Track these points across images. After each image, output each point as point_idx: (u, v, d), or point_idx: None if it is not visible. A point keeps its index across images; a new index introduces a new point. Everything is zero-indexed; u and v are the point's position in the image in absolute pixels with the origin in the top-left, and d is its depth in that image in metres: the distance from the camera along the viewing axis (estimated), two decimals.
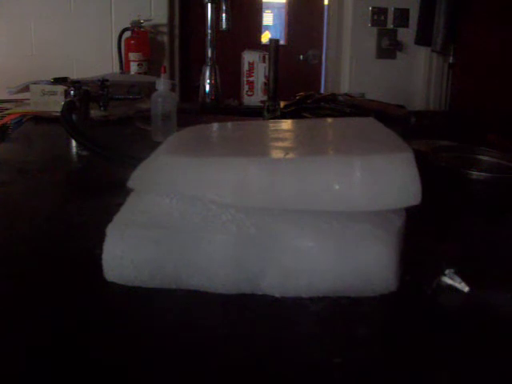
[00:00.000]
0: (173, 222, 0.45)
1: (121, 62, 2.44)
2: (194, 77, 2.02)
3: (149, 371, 0.34)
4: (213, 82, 1.51)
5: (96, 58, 2.43)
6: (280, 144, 0.53)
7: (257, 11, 2.94)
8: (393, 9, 2.74)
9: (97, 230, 0.46)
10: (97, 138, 0.86)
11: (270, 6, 3.21)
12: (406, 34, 2.78)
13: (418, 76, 2.85)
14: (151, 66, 2.46)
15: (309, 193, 0.44)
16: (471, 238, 0.60)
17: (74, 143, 0.96)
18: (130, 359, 0.36)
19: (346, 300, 0.43)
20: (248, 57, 1.83)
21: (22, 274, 0.48)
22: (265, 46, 2.65)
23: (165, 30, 2.58)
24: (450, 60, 2.78)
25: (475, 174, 0.81)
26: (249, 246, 0.43)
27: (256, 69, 1.82)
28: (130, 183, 0.51)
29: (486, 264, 0.52)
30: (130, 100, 1.35)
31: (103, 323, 0.40)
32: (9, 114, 1.31)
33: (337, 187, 0.44)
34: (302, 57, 3.00)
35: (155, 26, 2.54)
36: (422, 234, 0.54)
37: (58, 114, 1.04)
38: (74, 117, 0.98)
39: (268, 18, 3.22)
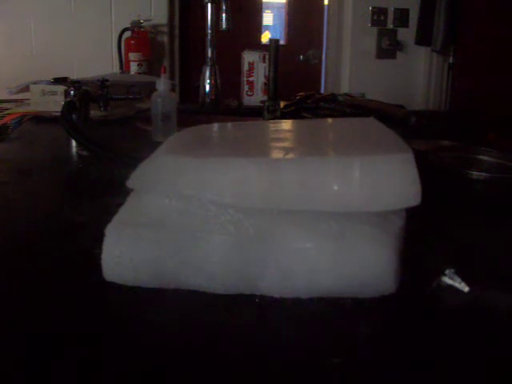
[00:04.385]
0: (172, 222, 0.45)
1: (121, 61, 2.44)
2: (194, 77, 2.01)
3: (148, 371, 0.34)
4: (213, 82, 1.51)
5: (96, 58, 2.43)
6: (280, 144, 0.53)
7: (257, 11, 2.94)
8: (393, 9, 2.74)
9: (97, 230, 0.46)
10: (97, 137, 0.86)
11: (270, 6, 3.21)
12: (406, 34, 2.78)
13: (418, 76, 2.84)
14: (151, 66, 2.46)
15: (308, 193, 0.44)
16: (471, 237, 0.60)
17: (74, 143, 0.96)
18: (130, 359, 0.36)
19: (345, 300, 0.43)
20: (248, 57, 1.82)
21: (22, 274, 0.48)
22: (265, 45, 2.65)
23: (165, 30, 2.58)
24: (450, 60, 2.78)
25: (475, 174, 0.81)
26: (247, 247, 0.43)
27: (256, 69, 1.82)
28: (130, 183, 0.51)
29: (486, 264, 0.52)
30: (130, 100, 1.35)
31: (102, 323, 0.40)
32: (9, 114, 1.31)
33: (336, 188, 0.44)
34: (301, 57, 2.99)
35: (155, 26, 2.54)
36: (421, 234, 0.54)
37: (58, 114, 1.04)
38: (74, 117, 0.98)
39: (268, 18, 3.21)
